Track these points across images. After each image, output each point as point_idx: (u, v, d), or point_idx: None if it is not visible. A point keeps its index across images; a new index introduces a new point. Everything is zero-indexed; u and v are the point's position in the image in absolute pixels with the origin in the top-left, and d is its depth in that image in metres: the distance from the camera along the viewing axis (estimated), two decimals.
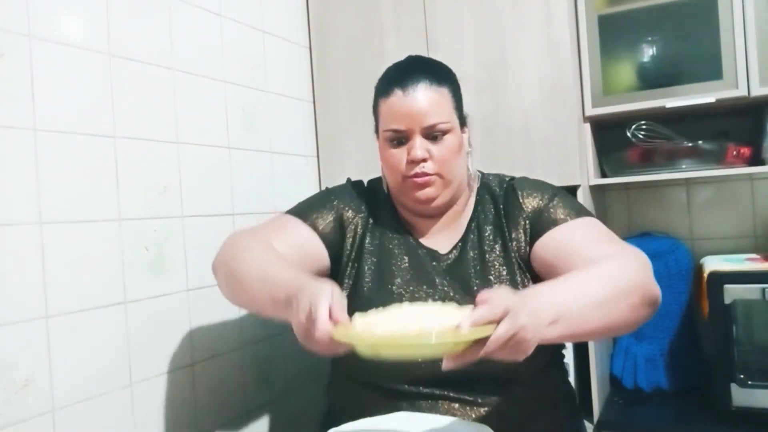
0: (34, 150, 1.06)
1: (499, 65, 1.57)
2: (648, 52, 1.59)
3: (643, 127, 1.61)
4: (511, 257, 1.13)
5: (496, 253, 1.14)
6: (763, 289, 1.36)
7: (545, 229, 1.10)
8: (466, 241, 1.16)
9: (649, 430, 1.53)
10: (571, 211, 1.12)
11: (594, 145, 1.64)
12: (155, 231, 1.27)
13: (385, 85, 1.12)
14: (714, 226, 1.79)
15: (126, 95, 1.22)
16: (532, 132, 1.54)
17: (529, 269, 1.13)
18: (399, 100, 1.09)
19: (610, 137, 1.70)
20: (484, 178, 1.23)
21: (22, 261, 1.03)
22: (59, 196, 1.09)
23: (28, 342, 1.03)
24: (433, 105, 1.09)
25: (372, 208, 1.22)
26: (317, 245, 1.17)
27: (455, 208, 1.18)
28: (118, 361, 1.18)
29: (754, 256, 1.61)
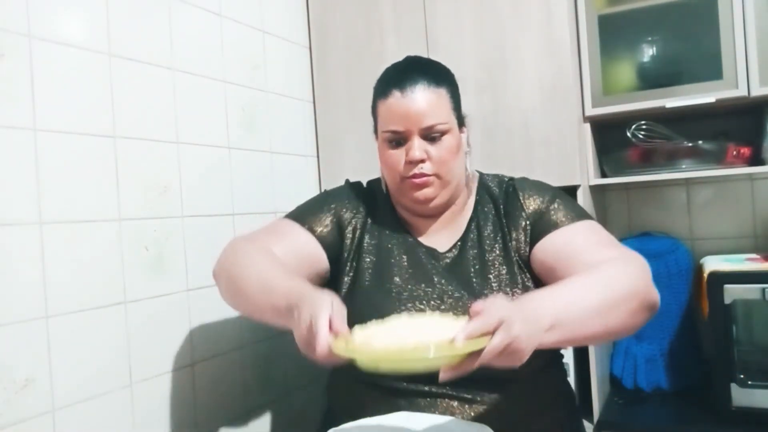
0: (34, 150, 1.06)
1: (499, 65, 1.57)
2: (648, 52, 1.59)
3: (643, 127, 1.61)
4: (512, 257, 1.13)
5: (496, 253, 1.14)
6: (763, 289, 1.36)
7: (546, 231, 1.11)
8: (465, 241, 1.16)
9: (649, 430, 1.53)
10: (572, 214, 1.12)
11: (594, 145, 1.64)
12: (155, 231, 1.27)
13: (383, 87, 1.13)
14: (714, 226, 1.79)
15: (126, 95, 1.23)
16: (532, 132, 1.54)
17: (529, 269, 1.13)
18: (397, 101, 1.09)
19: (610, 137, 1.70)
20: (482, 178, 1.24)
21: (22, 261, 1.03)
22: (59, 196, 1.09)
23: (28, 342, 1.03)
24: (431, 106, 1.09)
25: (370, 208, 1.22)
26: (316, 249, 1.17)
27: (454, 208, 1.18)
28: (118, 361, 1.18)
29: (754, 256, 1.60)
